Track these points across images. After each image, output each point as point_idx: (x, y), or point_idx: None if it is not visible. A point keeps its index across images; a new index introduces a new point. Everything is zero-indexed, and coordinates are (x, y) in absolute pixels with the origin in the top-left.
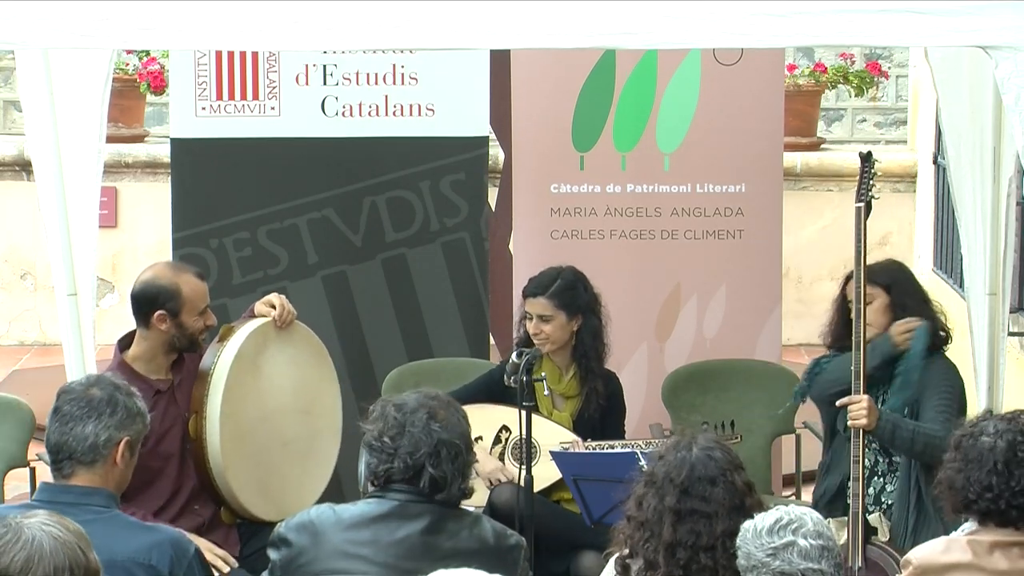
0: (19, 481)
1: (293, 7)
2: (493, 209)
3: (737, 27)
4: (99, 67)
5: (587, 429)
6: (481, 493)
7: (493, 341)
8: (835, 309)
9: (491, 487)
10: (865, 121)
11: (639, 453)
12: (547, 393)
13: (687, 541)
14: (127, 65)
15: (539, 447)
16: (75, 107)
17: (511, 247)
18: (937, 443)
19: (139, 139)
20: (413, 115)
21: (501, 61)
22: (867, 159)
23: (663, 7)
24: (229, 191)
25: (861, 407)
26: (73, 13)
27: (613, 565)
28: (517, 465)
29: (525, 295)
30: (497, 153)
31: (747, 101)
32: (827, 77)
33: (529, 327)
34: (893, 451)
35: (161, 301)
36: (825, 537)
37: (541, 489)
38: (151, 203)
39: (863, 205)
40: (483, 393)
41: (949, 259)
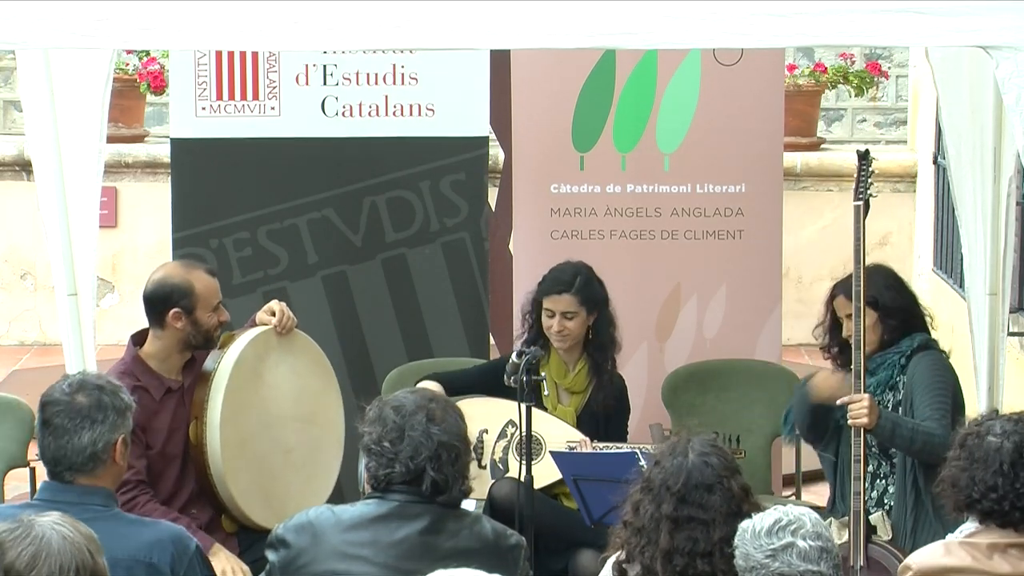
0: (19, 481)
1: (293, 7)
2: (493, 209)
3: (737, 27)
4: (99, 67)
5: (591, 425)
6: (485, 485)
7: (493, 341)
8: (826, 311)
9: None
10: (865, 121)
11: (639, 453)
12: (546, 394)
13: (684, 548)
14: (127, 65)
15: (544, 444)
16: (75, 107)
17: (511, 247)
18: (936, 442)
19: (139, 139)
20: (413, 115)
21: (501, 61)
22: (864, 157)
23: (663, 7)
24: (229, 191)
25: (862, 406)
26: (73, 13)
27: (610, 569)
28: (520, 461)
29: (547, 293)
30: (497, 153)
31: (747, 101)
32: (827, 77)
33: (551, 324)
34: (893, 449)
35: (175, 299)
36: (824, 538)
37: (544, 485)
38: (151, 203)
39: (861, 203)
40: (482, 382)
41: (949, 259)
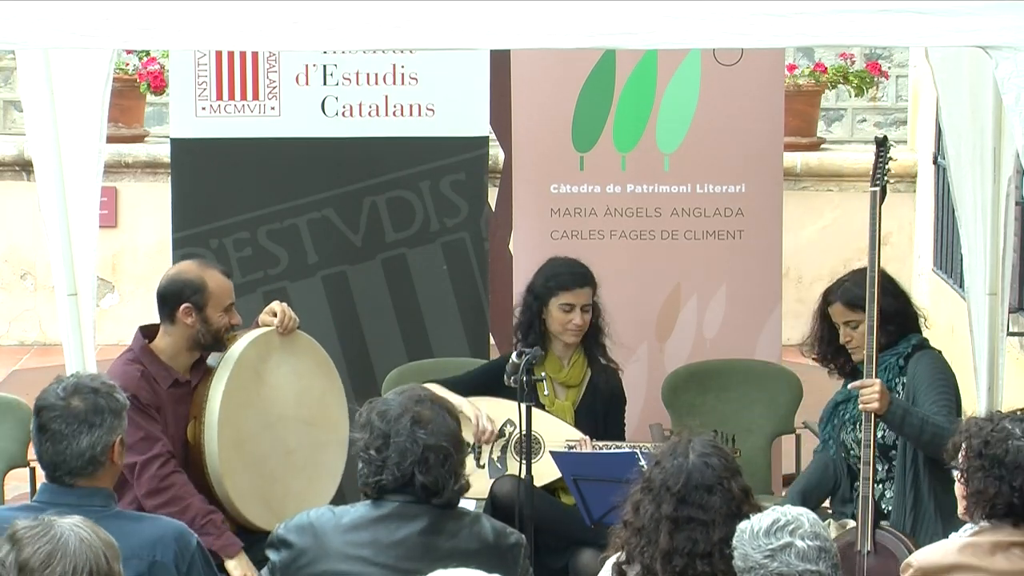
0: (19, 481)
1: (293, 7)
2: (493, 209)
3: (737, 27)
4: (99, 67)
5: (589, 419)
6: (483, 483)
7: (493, 341)
8: (817, 321)
9: (481, 435)
10: (865, 121)
11: (639, 453)
12: (547, 393)
13: (684, 548)
14: (127, 65)
15: (543, 443)
16: (75, 107)
17: (511, 247)
18: (946, 435)
19: (139, 139)
20: (413, 115)
21: (501, 61)
22: (882, 144)
23: (663, 7)
24: (229, 191)
25: (873, 391)
26: (73, 13)
27: (610, 570)
28: (519, 460)
29: (566, 287)
30: (497, 153)
31: (747, 101)
32: (827, 77)
33: (570, 319)
34: (894, 452)
35: (187, 294)
36: (822, 538)
37: (543, 484)
38: (151, 203)
39: (878, 190)
40: (483, 384)
41: (949, 259)
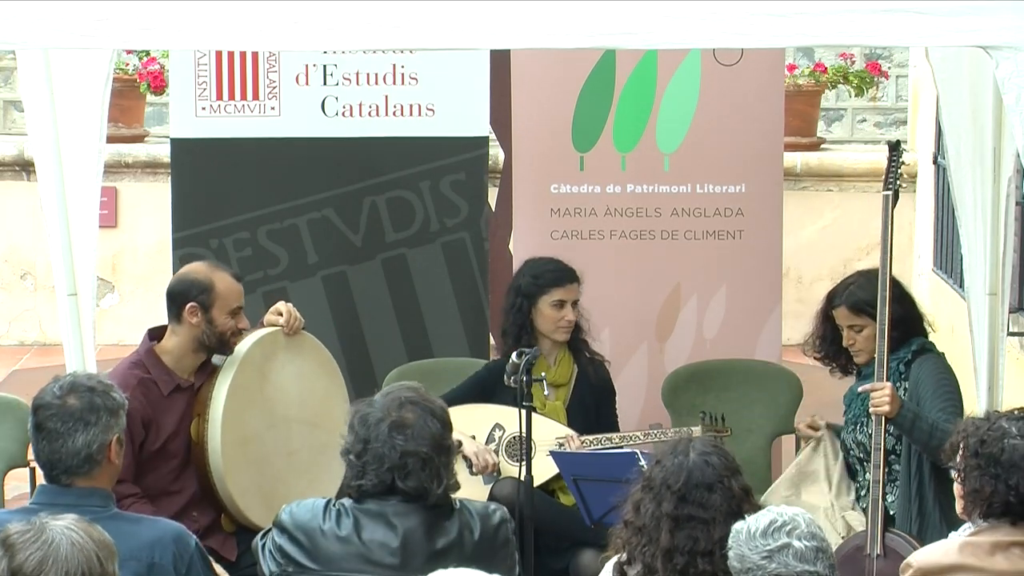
0: (19, 481)
1: (293, 7)
2: (493, 209)
3: (737, 27)
4: (99, 67)
5: (580, 415)
6: (476, 490)
7: (493, 341)
8: (820, 322)
9: (480, 471)
10: (865, 121)
11: (639, 453)
12: (546, 393)
13: (685, 547)
14: (127, 65)
15: (535, 444)
16: (75, 107)
17: (511, 247)
18: None
19: (139, 139)
20: (413, 115)
21: (501, 61)
22: (895, 148)
23: (663, 7)
24: (229, 191)
25: (884, 394)
26: (73, 13)
27: (611, 570)
28: (511, 463)
29: (558, 284)
30: (497, 153)
31: (747, 101)
32: (827, 77)
33: (562, 316)
34: (909, 442)
35: (193, 294)
36: (818, 538)
37: (539, 484)
38: (151, 203)
39: (891, 194)
40: (473, 394)
41: (949, 259)
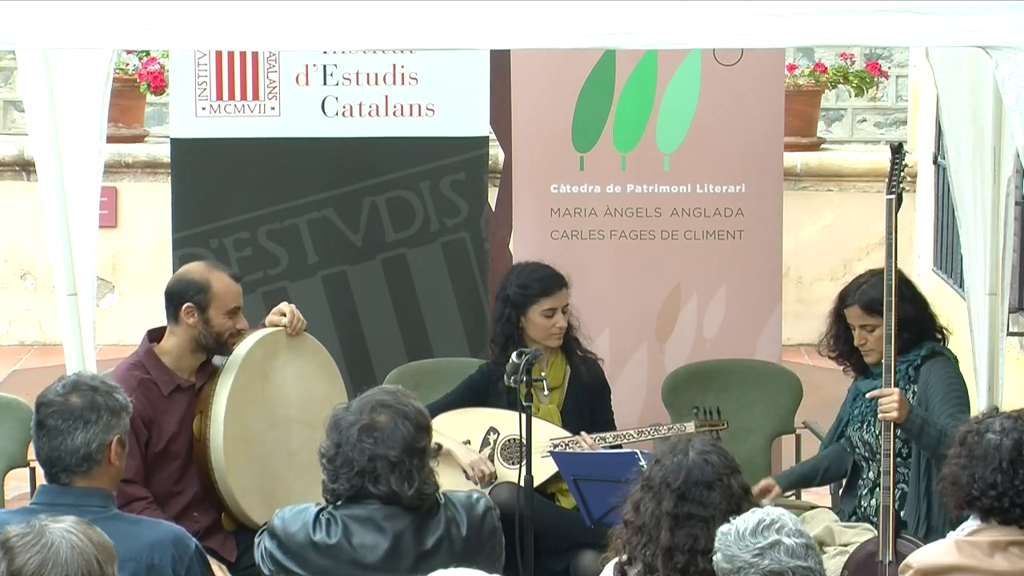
0: (19, 481)
1: (293, 7)
2: (493, 209)
3: (737, 27)
4: (99, 67)
5: (575, 416)
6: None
7: None
8: (833, 321)
9: (477, 481)
10: (865, 121)
11: (639, 453)
12: (546, 393)
13: (685, 545)
14: (127, 65)
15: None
16: (75, 107)
17: (511, 247)
18: None
19: (139, 139)
20: (413, 115)
21: (501, 61)
22: (898, 151)
23: (663, 7)
24: (229, 191)
25: (892, 400)
26: (73, 13)
27: (612, 571)
28: (507, 466)
29: (548, 292)
30: (497, 153)
31: (747, 101)
32: (827, 77)
33: (552, 323)
34: (920, 448)
35: (190, 294)
36: (805, 535)
37: (537, 486)
38: (151, 203)
39: (894, 197)
40: (466, 399)
41: (949, 259)
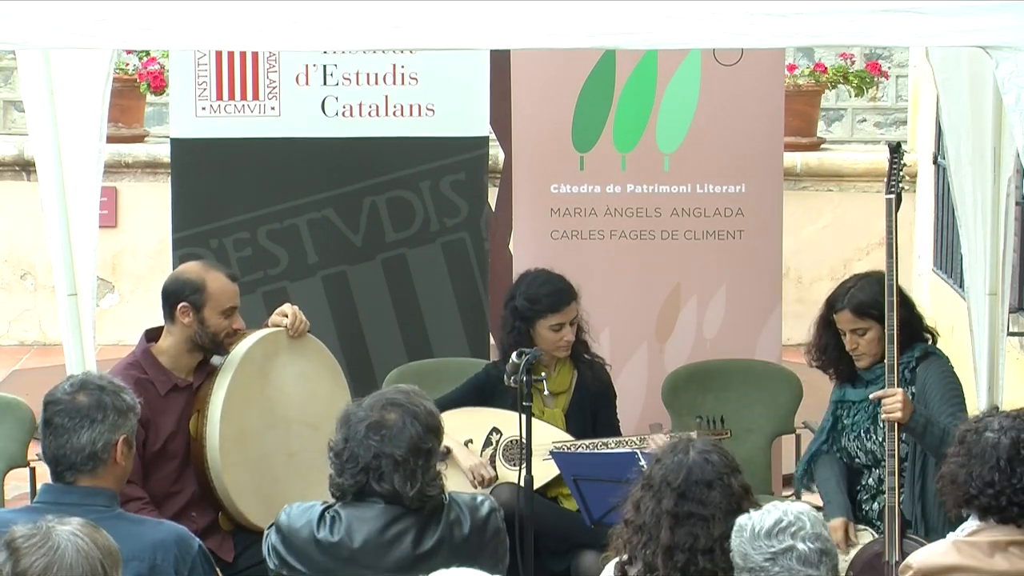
0: (19, 481)
1: (293, 7)
2: (493, 209)
3: (737, 27)
4: (99, 67)
5: (580, 423)
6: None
7: (493, 341)
8: (819, 329)
9: (477, 484)
10: (865, 121)
11: (639, 453)
12: (547, 393)
13: (685, 544)
14: (127, 65)
15: (532, 447)
16: (75, 107)
17: (511, 247)
18: None
19: (139, 139)
20: (413, 115)
21: (501, 61)
22: (896, 150)
23: (663, 7)
24: (229, 191)
25: (895, 400)
26: (73, 13)
27: (612, 571)
28: (508, 467)
29: (556, 308)
30: (497, 153)
31: (747, 101)
32: (827, 77)
33: (560, 337)
34: (923, 447)
35: (186, 293)
36: (823, 539)
37: (537, 488)
38: (151, 203)
39: (894, 197)
40: (471, 398)
41: (949, 259)
